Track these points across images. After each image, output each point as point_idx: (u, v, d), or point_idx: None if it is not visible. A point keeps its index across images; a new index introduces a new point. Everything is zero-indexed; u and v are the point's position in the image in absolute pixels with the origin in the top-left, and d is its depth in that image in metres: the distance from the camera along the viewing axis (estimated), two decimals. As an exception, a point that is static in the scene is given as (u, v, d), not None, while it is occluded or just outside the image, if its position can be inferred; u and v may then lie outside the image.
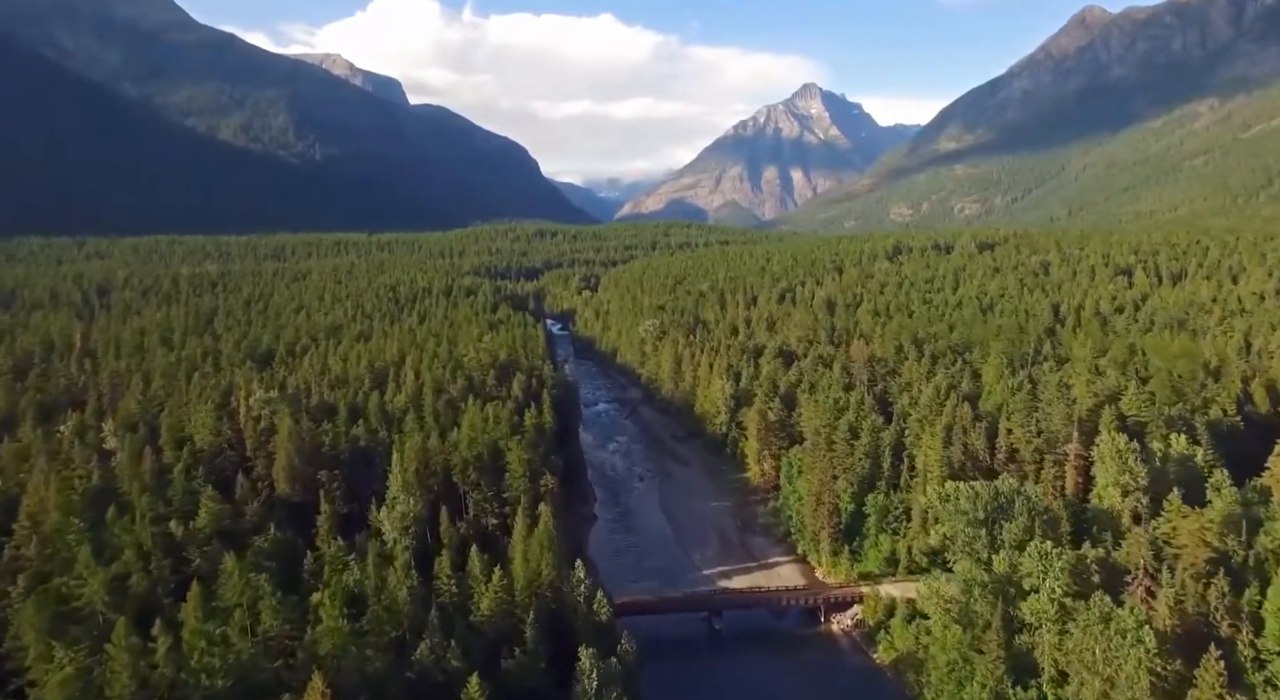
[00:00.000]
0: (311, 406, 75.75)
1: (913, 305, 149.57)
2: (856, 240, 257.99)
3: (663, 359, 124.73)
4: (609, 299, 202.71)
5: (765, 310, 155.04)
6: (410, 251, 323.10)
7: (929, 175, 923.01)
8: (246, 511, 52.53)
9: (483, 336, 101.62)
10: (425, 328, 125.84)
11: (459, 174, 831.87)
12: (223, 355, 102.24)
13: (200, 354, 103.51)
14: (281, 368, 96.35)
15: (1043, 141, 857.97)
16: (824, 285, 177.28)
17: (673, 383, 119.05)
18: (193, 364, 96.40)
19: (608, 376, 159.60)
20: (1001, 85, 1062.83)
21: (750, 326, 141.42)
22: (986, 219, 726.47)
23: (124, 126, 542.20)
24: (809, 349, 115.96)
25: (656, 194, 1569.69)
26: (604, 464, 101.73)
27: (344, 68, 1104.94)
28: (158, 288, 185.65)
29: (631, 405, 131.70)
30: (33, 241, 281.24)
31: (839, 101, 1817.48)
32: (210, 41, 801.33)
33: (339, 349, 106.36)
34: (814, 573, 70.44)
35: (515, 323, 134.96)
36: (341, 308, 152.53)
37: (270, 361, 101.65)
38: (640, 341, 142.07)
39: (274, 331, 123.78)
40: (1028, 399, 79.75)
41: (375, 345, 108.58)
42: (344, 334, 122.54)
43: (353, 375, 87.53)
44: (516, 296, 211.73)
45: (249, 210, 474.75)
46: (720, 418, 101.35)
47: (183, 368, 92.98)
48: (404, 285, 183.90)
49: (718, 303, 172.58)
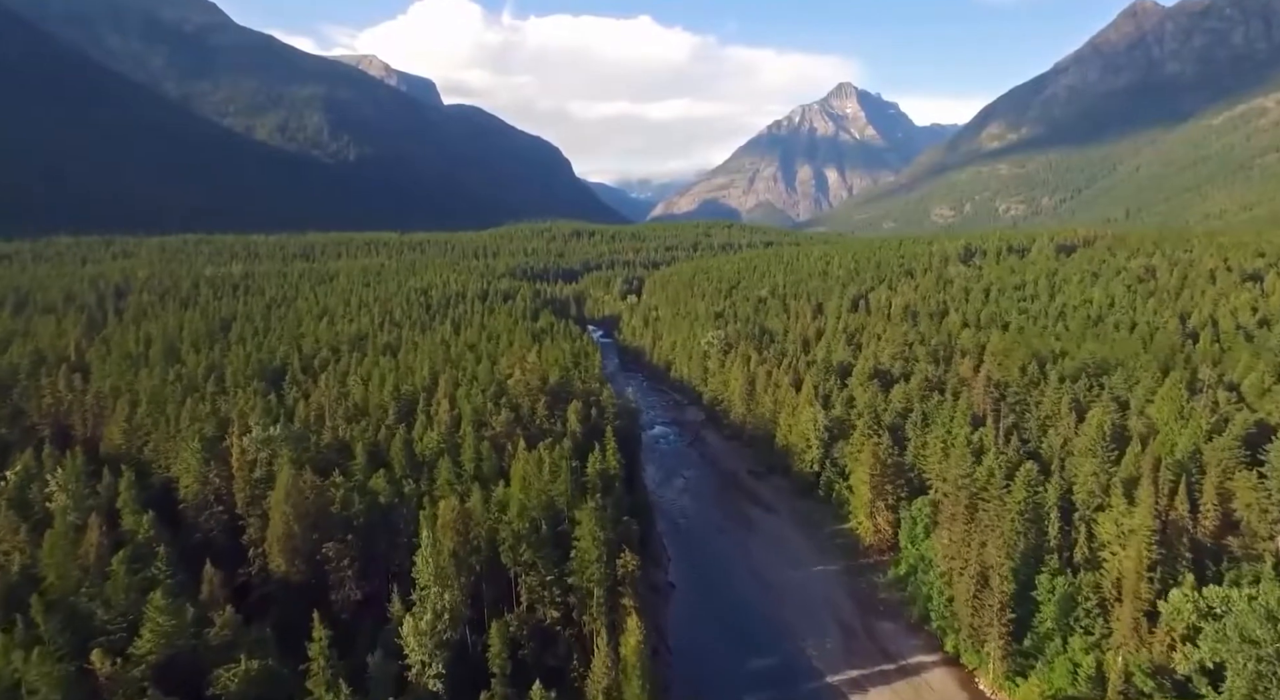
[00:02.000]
0: (322, 446, 60.43)
1: (1007, 315, 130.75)
2: (920, 242, 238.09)
3: (731, 378, 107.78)
4: (657, 304, 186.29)
5: (840, 320, 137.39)
6: (443, 252, 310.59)
7: (971, 175, 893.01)
8: (215, 619, 37.00)
9: (528, 354, 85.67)
10: (461, 340, 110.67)
11: (492, 174, 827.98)
12: (229, 372, 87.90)
13: (204, 370, 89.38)
14: (293, 389, 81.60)
15: (1091, 140, 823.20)
16: (899, 291, 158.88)
17: (744, 406, 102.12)
18: (192, 384, 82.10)
19: (660, 392, 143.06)
20: (1047, 82, 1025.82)
21: (824, 339, 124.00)
22: (1033, 220, 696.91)
23: (163, 126, 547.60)
24: (906, 367, 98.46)
25: (689, 194, 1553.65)
26: (671, 507, 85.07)
27: (379, 69, 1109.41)
28: (177, 290, 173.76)
29: (694, 430, 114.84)
30: (61, 241, 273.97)
31: (875, 101, 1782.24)
32: (249, 43, 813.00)
33: (362, 365, 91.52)
34: (974, 682, 53.04)
35: (562, 333, 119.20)
36: (368, 314, 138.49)
37: (282, 380, 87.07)
38: (702, 355, 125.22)
39: (292, 341, 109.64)
40: (1235, 447, 61.67)
41: (404, 361, 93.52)
42: (369, 345, 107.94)
43: (374, 403, 72.19)
44: (557, 301, 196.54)
45: (282, 210, 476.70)
46: (810, 453, 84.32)
47: (179, 388, 78.58)
48: (436, 288, 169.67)
49: (780, 310, 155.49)
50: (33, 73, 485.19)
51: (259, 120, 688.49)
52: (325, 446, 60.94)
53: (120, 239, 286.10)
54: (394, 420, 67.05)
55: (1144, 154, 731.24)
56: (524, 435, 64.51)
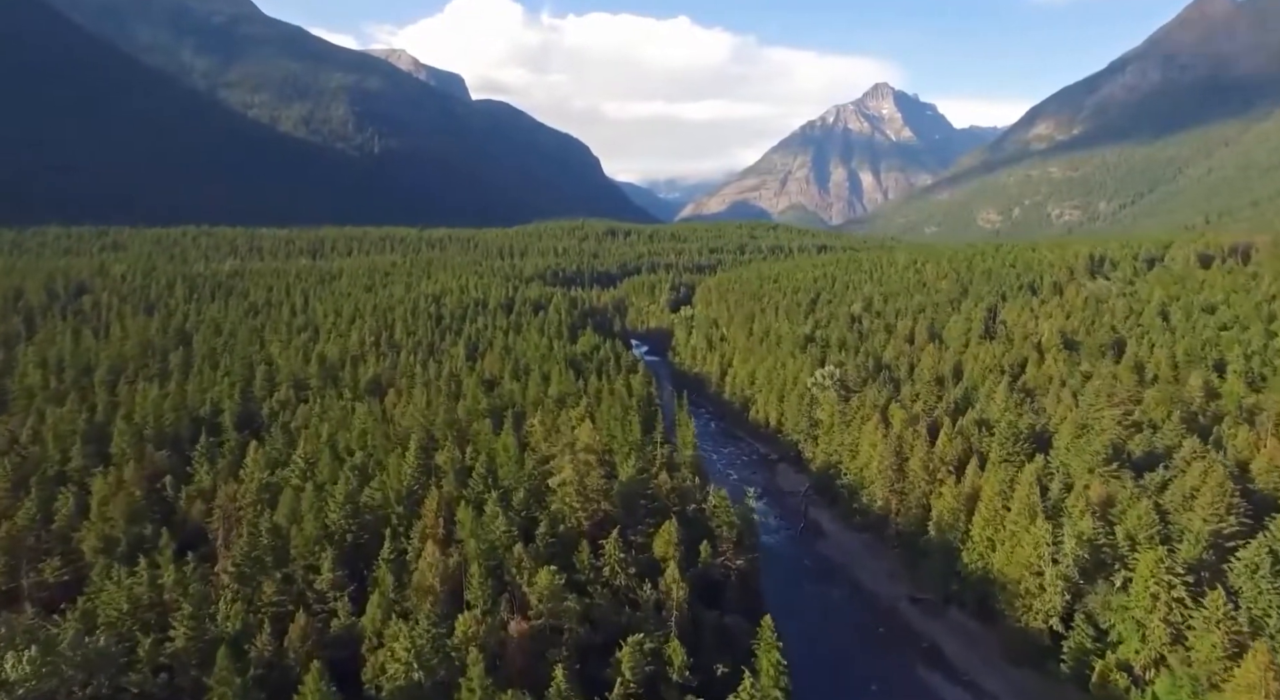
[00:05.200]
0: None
1: (1221, 353, 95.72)
2: (1023, 247, 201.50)
3: (863, 443, 74.46)
4: (719, 319, 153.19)
5: (973, 351, 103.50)
6: (465, 250, 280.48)
7: (1019, 178, 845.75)
8: None
9: (578, 427, 52.95)
10: (475, 375, 78.86)
11: (519, 170, 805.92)
12: (116, 433, 56.85)
13: (84, 423, 58.55)
14: (206, 467, 50.38)
15: (1153, 141, 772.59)
16: (1039, 313, 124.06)
17: (891, 490, 68.93)
18: (62, 440, 51.26)
19: (735, 439, 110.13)
20: (1101, 81, 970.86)
21: (965, 381, 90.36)
22: (1090, 226, 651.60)
23: (189, 118, 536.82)
24: (1151, 443, 64.69)
25: (719, 195, 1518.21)
26: (812, 659, 52.10)
27: (409, 63, 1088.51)
28: (145, 291, 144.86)
29: (803, 505, 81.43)
30: (50, 230, 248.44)
31: (911, 102, 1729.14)
32: (277, 34, 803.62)
33: (328, 424, 60.14)
34: None
35: (614, 366, 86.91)
36: (363, 327, 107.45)
37: (215, 434, 56.11)
38: (803, 398, 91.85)
39: (245, 372, 78.72)
40: None
41: (395, 417, 62.14)
42: (348, 380, 76.67)
43: (332, 520, 40.49)
44: (595, 313, 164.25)
45: (303, 202, 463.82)
46: (1044, 601, 50.97)
47: (38, 454, 47.64)
48: (452, 294, 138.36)
49: (882, 330, 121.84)
50: (60, 64, 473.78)
51: (284, 111, 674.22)
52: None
53: (115, 230, 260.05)
54: (334, 581, 34.97)
55: (1215, 156, 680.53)
56: (590, 616, 32.12)
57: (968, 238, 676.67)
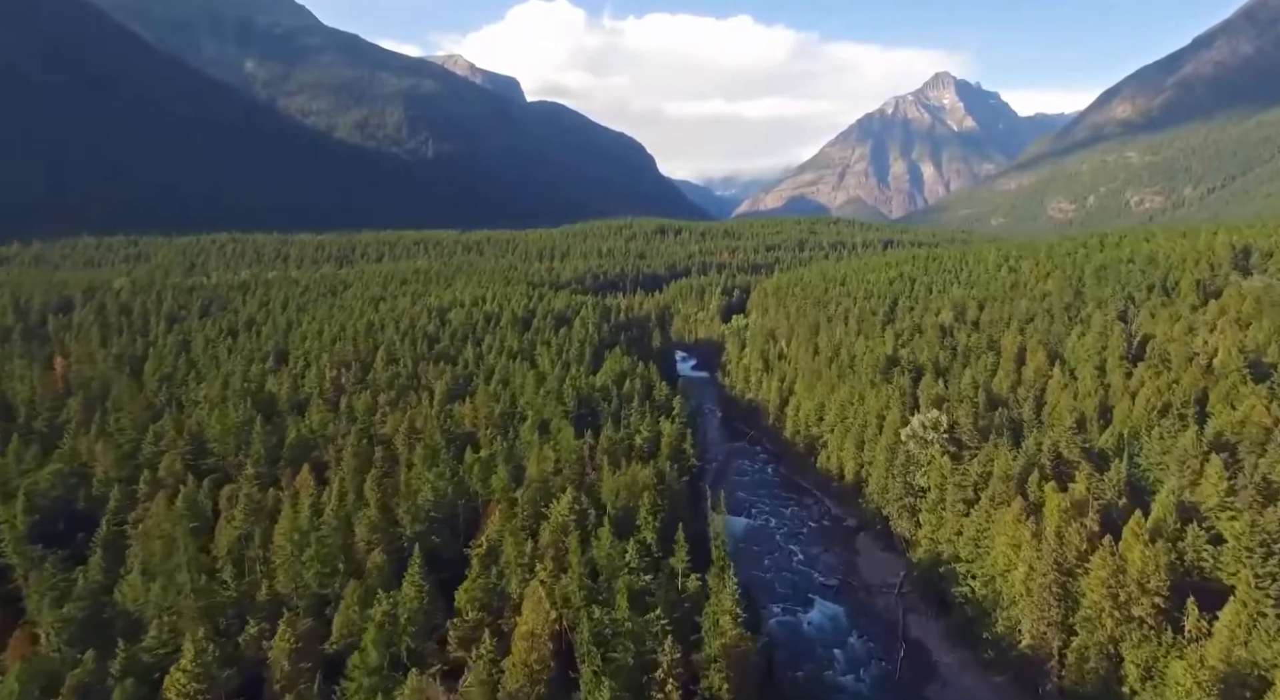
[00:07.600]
0: None
1: None
2: (1134, 236, 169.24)
3: (998, 538, 50.12)
4: (777, 330, 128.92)
5: (1124, 383, 77.06)
6: (504, 252, 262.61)
7: (1094, 164, 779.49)
8: None
9: (540, 574, 30.67)
10: (423, 456, 57.65)
11: (572, 171, 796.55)
12: None
13: None
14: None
15: (1245, 121, 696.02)
16: (1198, 323, 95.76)
17: (1047, 621, 44.62)
18: None
19: (798, 491, 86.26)
20: (1184, 58, 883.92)
21: (1115, 426, 64.81)
22: (1174, 214, 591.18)
23: (249, 126, 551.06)
24: None
25: (776, 191, 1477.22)
26: None
27: (465, 68, 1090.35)
28: (129, 310, 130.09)
29: (900, 616, 57.57)
30: (79, 242, 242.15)
31: (973, 90, 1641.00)
32: (336, 43, 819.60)
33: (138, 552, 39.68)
34: None
35: (647, 415, 64.68)
36: (341, 352, 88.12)
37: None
38: (895, 451, 67.56)
39: (136, 431, 59.62)
40: None
41: (251, 553, 41.31)
42: (255, 451, 56.50)
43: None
44: (634, 323, 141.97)
45: (357, 207, 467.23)
46: None
47: None
48: (459, 308, 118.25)
49: (984, 348, 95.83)
50: (131, 79, 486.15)
51: (340, 117, 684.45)
52: None
53: (146, 239, 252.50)
54: None
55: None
56: None
57: (1037, 229, 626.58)
